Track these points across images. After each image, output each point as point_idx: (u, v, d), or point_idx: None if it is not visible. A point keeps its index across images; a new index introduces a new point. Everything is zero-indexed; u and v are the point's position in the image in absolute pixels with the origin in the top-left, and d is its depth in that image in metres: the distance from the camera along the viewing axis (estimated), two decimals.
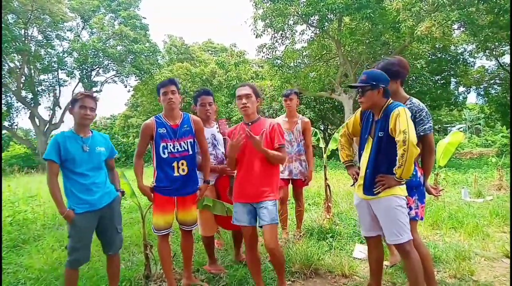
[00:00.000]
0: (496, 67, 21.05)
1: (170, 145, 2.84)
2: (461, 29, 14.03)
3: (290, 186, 4.24)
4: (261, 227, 2.61)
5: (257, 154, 2.61)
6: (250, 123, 2.74)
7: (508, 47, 17.23)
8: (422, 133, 2.44)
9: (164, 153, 2.83)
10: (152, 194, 2.88)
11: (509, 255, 3.46)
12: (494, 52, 18.95)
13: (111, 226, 2.72)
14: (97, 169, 2.65)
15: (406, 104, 2.46)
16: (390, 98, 2.39)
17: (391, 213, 2.30)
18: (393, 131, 2.24)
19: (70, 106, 2.68)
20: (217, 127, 3.44)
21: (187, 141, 2.89)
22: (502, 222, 4.63)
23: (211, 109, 3.33)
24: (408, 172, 2.21)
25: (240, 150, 2.64)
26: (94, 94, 2.70)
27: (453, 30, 15.14)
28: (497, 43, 17.03)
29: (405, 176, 2.23)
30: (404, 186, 2.36)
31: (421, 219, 2.56)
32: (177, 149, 2.85)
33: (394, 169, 2.26)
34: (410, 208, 2.46)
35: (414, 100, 2.53)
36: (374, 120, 2.43)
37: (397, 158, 2.21)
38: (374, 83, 2.34)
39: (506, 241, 3.89)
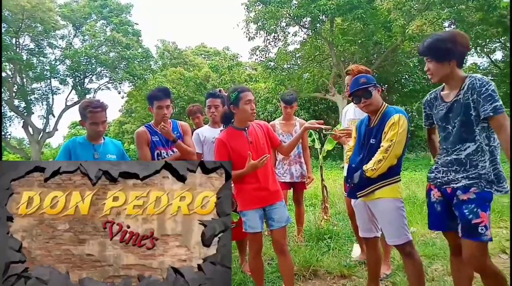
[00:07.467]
0: (488, 64, 21.26)
1: (164, 152, 2.86)
2: (452, 26, 14.19)
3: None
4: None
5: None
6: (246, 128, 2.56)
7: (499, 43, 17.43)
8: (492, 114, 1.84)
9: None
10: None
11: (506, 250, 3.48)
12: (485, 49, 19.15)
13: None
14: None
15: (465, 82, 1.97)
16: (384, 102, 2.37)
17: (387, 215, 2.28)
18: (383, 136, 2.24)
19: (80, 119, 2.60)
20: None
21: None
22: (498, 217, 4.64)
23: (217, 112, 3.33)
24: (377, 174, 2.23)
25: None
26: (101, 102, 2.59)
27: (444, 28, 15.28)
28: (487, 40, 17.23)
29: (373, 176, 2.24)
30: (401, 188, 2.32)
31: (490, 239, 1.91)
32: (170, 155, 2.87)
33: (365, 167, 2.25)
34: (486, 227, 1.88)
35: (475, 75, 1.99)
36: (369, 127, 2.38)
37: (374, 160, 2.21)
38: (375, 82, 2.33)
39: (502, 236, 3.91)
